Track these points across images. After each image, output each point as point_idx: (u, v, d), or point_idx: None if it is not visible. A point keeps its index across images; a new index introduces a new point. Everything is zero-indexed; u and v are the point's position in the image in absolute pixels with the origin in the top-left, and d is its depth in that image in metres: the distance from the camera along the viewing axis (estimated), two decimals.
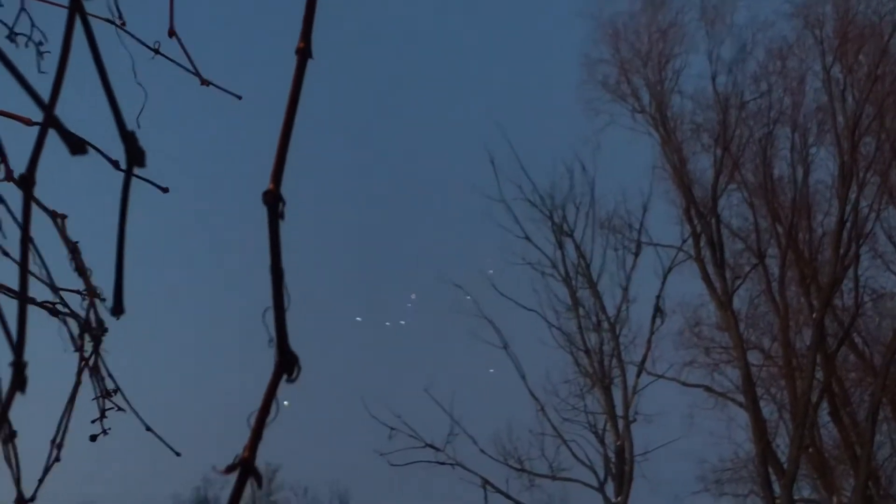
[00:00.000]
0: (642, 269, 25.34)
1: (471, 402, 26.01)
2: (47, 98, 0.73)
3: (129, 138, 0.75)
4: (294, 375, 0.82)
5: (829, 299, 22.74)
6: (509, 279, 25.75)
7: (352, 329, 33.90)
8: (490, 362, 25.86)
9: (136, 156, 0.76)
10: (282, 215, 0.83)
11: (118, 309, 0.75)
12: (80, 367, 2.21)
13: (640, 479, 24.40)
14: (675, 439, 24.35)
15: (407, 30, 37.21)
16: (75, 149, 0.70)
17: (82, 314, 2.20)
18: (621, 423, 24.62)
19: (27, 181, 0.70)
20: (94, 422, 2.19)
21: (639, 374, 24.90)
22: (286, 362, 0.81)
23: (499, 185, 25.63)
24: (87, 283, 2.17)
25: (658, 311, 24.98)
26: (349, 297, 34.41)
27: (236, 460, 0.80)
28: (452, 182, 32.27)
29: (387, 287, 33.91)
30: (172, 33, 1.49)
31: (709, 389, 25.00)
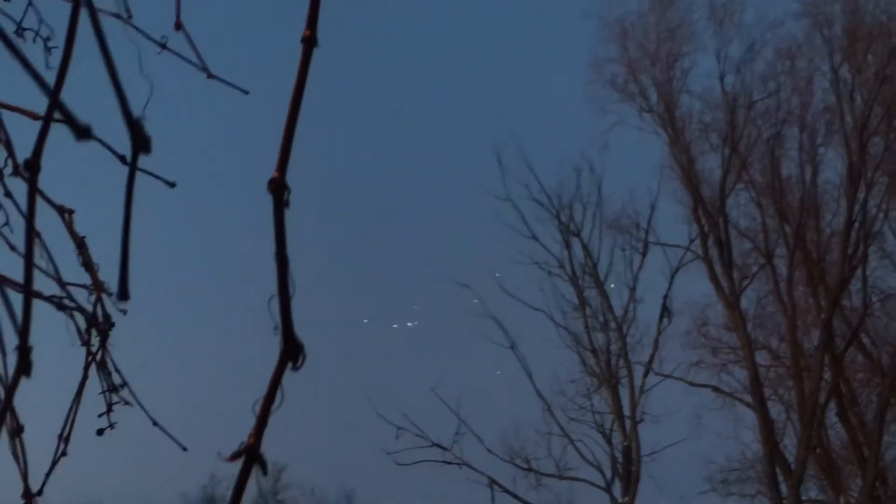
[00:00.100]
0: (650, 269, 25.33)
1: (477, 402, 26.02)
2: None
3: (134, 125, 0.75)
4: (299, 363, 0.82)
5: (837, 300, 22.69)
6: (516, 279, 25.76)
7: (359, 328, 33.91)
8: (497, 362, 25.85)
9: (142, 142, 0.76)
10: (287, 203, 0.83)
11: (123, 295, 0.75)
12: (87, 362, 2.21)
13: (646, 479, 24.38)
14: (682, 439, 24.34)
15: (414, 29, 37.21)
16: (81, 134, 0.70)
17: (89, 309, 2.20)
18: (628, 423, 24.59)
19: (32, 167, 0.70)
20: (101, 416, 2.19)
21: (646, 374, 24.88)
22: (291, 350, 0.81)
23: (506, 184, 25.64)
24: (94, 277, 2.17)
25: (665, 310, 24.96)
26: (356, 297, 34.42)
27: (241, 447, 0.80)
28: (459, 181, 32.27)
29: (394, 287, 33.93)
30: (179, 26, 1.49)
31: (716, 390, 24.96)
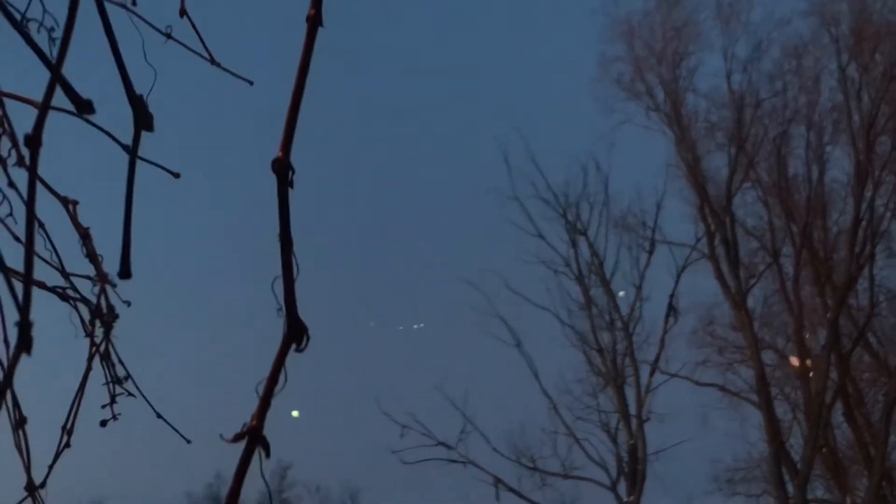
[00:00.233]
0: (656, 268, 25.30)
1: (483, 401, 26.00)
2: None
3: (137, 102, 0.75)
4: (303, 345, 0.81)
5: (843, 299, 22.65)
6: (522, 277, 25.73)
7: (364, 327, 33.93)
8: (502, 361, 25.84)
9: (145, 119, 0.75)
10: (291, 183, 0.82)
11: (125, 273, 0.74)
12: (91, 354, 2.21)
13: (652, 479, 24.35)
14: (687, 439, 24.31)
15: (421, 26, 37.21)
16: (82, 108, 0.70)
17: (93, 300, 2.20)
18: (634, 423, 24.57)
19: (33, 141, 0.69)
20: (105, 407, 2.19)
21: (652, 373, 24.86)
22: (295, 331, 0.81)
23: (512, 182, 25.61)
24: (99, 268, 2.16)
25: (671, 309, 24.93)
26: (361, 296, 34.43)
27: (244, 429, 0.79)
28: (466, 180, 32.26)
29: (399, 285, 33.94)
30: (183, 12, 1.48)
31: (722, 389, 24.93)
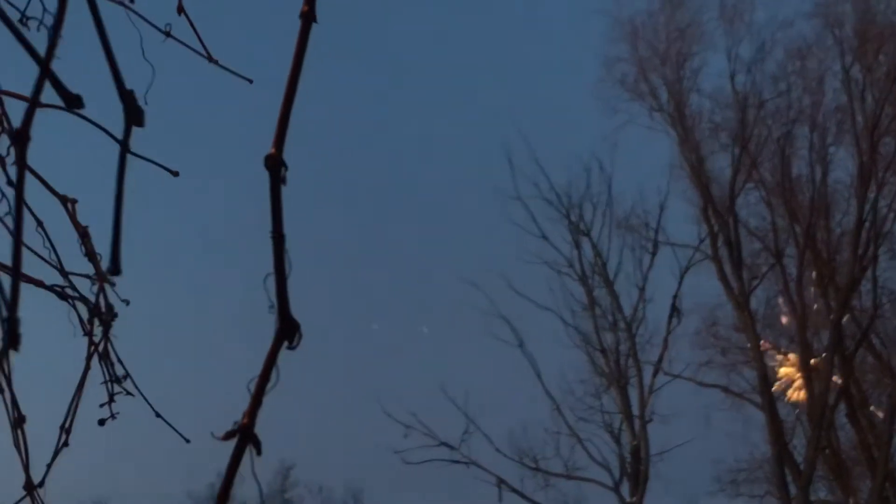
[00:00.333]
0: (659, 269, 25.30)
1: (486, 401, 25.99)
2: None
3: (127, 97, 0.74)
4: (295, 342, 0.81)
5: (847, 300, 22.63)
6: (525, 278, 25.72)
7: (367, 328, 33.93)
8: (505, 361, 25.84)
9: (135, 114, 0.74)
10: (284, 180, 0.82)
11: (115, 269, 0.73)
12: (90, 353, 2.20)
13: (655, 479, 24.35)
14: (690, 440, 24.31)
15: (424, 27, 37.20)
16: (71, 103, 0.69)
17: (92, 299, 2.19)
18: (637, 423, 24.57)
19: (21, 137, 0.69)
20: (103, 406, 2.18)
21: (655, 373, 24.86)
22: (287, 328, 0.80)
23: (515, 183, 25.61)
24: (97, 267, 2.16)
25: (675, 310, 24.92)
26: (365, 296, 34.44)
27: (235, 426, 0.78)
28: (469, 180, 32.26)
29: (403, 286, 33.94)
30: (181, 10, 1.47)
31: (725, 390, 24.93)
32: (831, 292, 23.11)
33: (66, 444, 2.22)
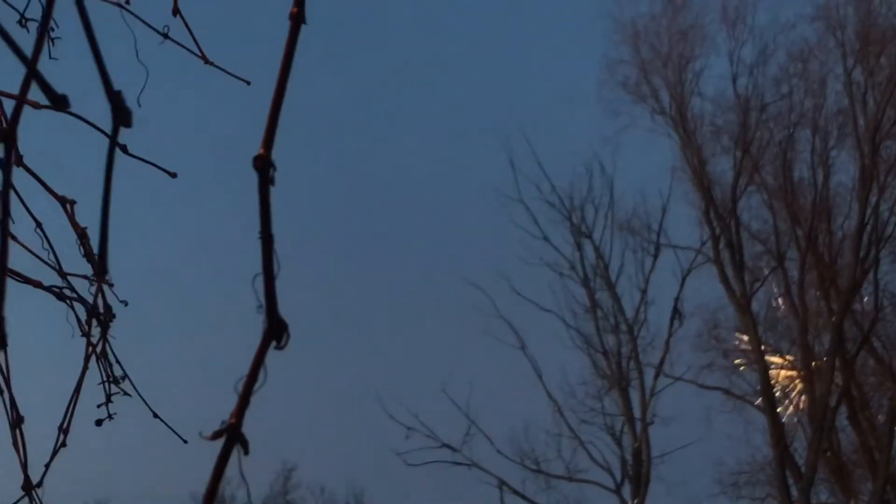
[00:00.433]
0: (661, 271, 25.29)
1: (488, 403, 26.00)
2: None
3: (115, 97, 0.74)
4: (283, 342, 0.81)
5: (848, 303, 22.63)
6: (527, 280, 25.73)
7: (369, 328, 33.93)
8: (507, 363, 25.84)
9: (123, 115, 0.75)
10: (272, 181, 0.82)
11: (102, 269, 0.74)
12: (88, 353, 2.21)
13: (656, 482, 24.34)
14: (692, 442, 24.29)
15: (427, 28, 37.23)
16: (57, 104, 0.70)
17: (90, 300, 2.20)
18: (638, 426, 24.57)
19: (9, 136, 0.69)
20: (101, 406, 2.19)
21: (656, 376, 24.84)
22: (275, 329, 0.81)
23: (517, 185, 25.62)
24: (95, 269, 2.16)
25: (676, 313, 24.91)
26: (366, 297, 34.44)
27: (223, 426, 0.79)
28: (471, 182, 32.26)
29: (404, 287, 33.94)
30: (176, 11, 1.48)
31: (727, 392, 24.92)
32: (833, 295, 23.10)
33: (64, 444, 2.23)
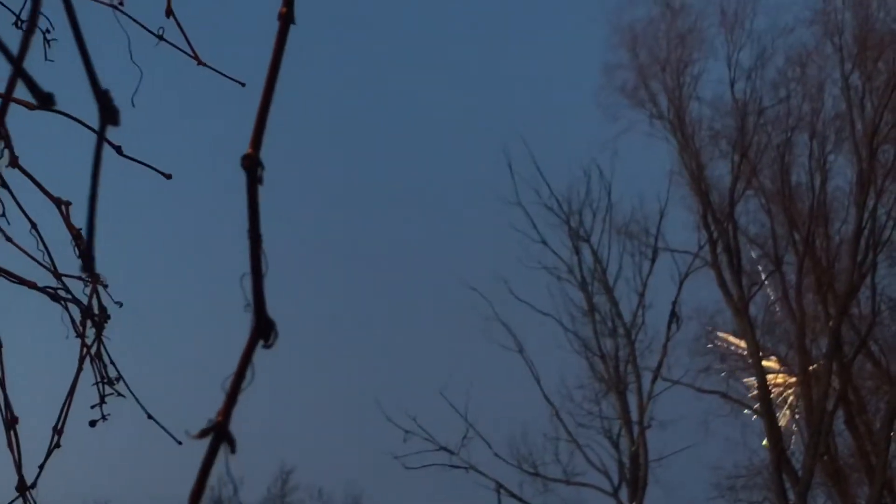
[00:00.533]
0: (659, 275, 25.29)
1: (485, 406, 25.98)
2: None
3: (102, 96, 0.75)
4: (270, 341, 0.81)
5: (845, 307, 22.63)
6: (525, 283, 25.72)
7: (368, 331, 33.94)
8: (505, 366, 25.83)
9: (110, 113, 0.75)
10: (260, 180, 0.82)
11: (88, 267, 0.74)
12: (83, 354, 2.21)
13: (654, 485, 24.33)
14: (689, 446, 24.29)
15: (426, 32, 37.25)
16: (43, 102, 0.70)
17: (85, 301, 2.20)
18: (636, 429, 24.55)
19: None
20: (94, 407, 2.19)
21: (654, 379, 24.83)
22: (262, 327, 0.81)
23: (516, 189, 25.62)
24: (85, 266, 2.15)
25: (674, 316, 24.91)
26: (365, 301, 34.44)
27: (210, 425, 0.79)
28: (470, 186, 32.27)
29: (403, 290, 33.94)
30: (170, 12, 1.48)
31: (724, 396, 24.93)
32: (830, 299, 23.11)
33: (58, 445, 2.23)
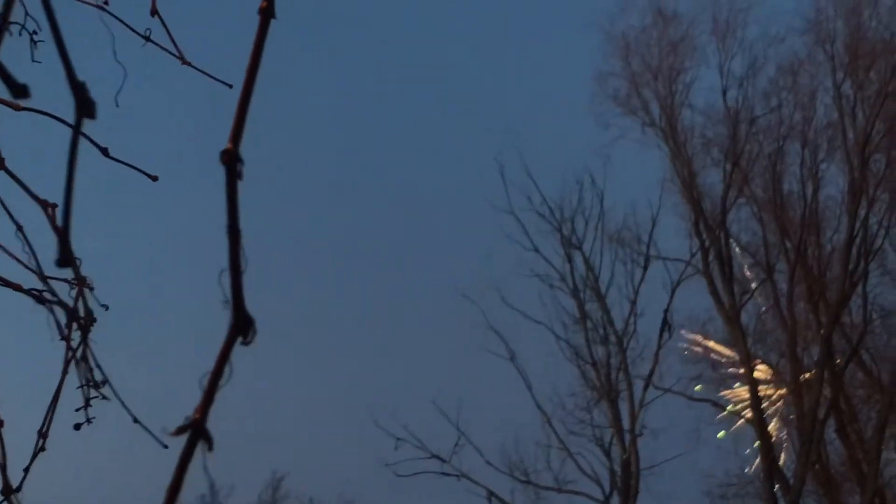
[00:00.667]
0: (650, 283, 25.28)
1: (477, 414, 25.96)
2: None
3: (78, 88, 0.74)
4: (249, 338, 0.80)
5: (837, 316, 22.66)
6: (517, 291, 25.71)
7: (360, 339, 33.90)
8: (497, 374, 25.80)
9: (86, 106, 0.74)
10: (240, 175, 0.82)
11: (64, 261, 0.73)
12: (68, 358, 2.19)
13: (645, 493, 24.31)
14: (680, 454, 24.27)
15: (419, 40, 37.28)
16: (17, 92, 0.69)
17: (71, 303, 2.19)
18: (627, 437, 24.54)
19: None
20: (79, 410, 2.18)
21: (646, 387, 24.81)
22: (241, 324, 0.80)
23: (508, 196, 25.62)
24: (77, 272, 2.15)
25: (666, 324, 24.90)
26: (358, 308, 34.41)
27: (187, 422, 0.78)
28: (462, 193, 32.28)
29: (396, 298, 33.92)
30: (155, 12, 1.47)
31: (715, 404, 24.95)
32: (822, 308, 23.14)
33: (43, 448, 2.21)
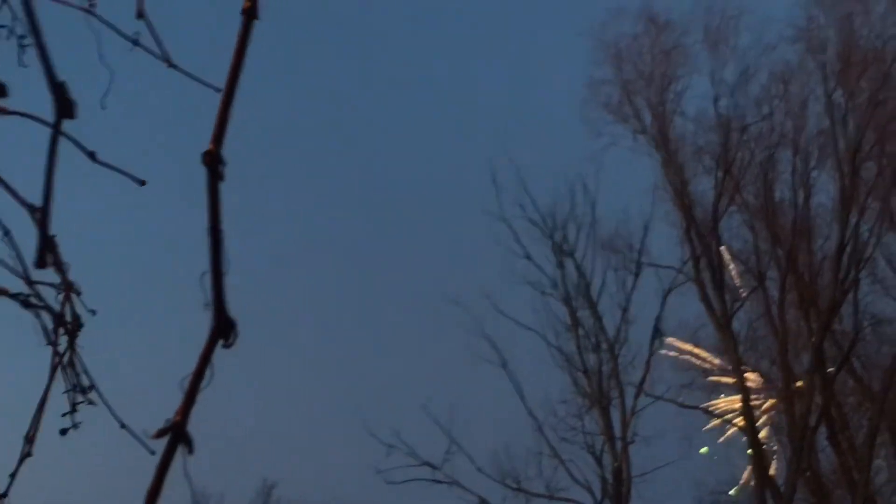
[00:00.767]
0: (642, 290, 25.28)
1: (469, 421, 25.93)
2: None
3: (58, 89, 0.74)
4: (230, 340, 0.80)
5: (828, 323, 22.68)
6: (509, 298, 25.70)
7: (352, 346, 33.87)
8: (488, 381, 25.79)
9: (66, 107, 0.74)
10: (222, 176, 0.81)
11: (42, 262, 0.72)
12: (55, 363, 2.18)
13: (636, 501, 24.31)
14: (672, 461, 24.27)
15: (412, 48, 37.31)
16: None
17: (58, 308, 2.17)
18: (619, 444, 24.52)
19: None
20: (65, 416, 2.16)
21: (637, 395, 24.81)
22: (222, 327, 0.79)
23: (500, 203, 25.61)
24: (64, 277, 2.14)
25: (657, 332, 24.89)
26: (349, 315, 34.39)
27: (168, 424, 0.77)
28: (454, 200, 32.29)
29: (387, 305, 33.91)
30: (141, 15, 1.46)
31: (707, 412, 24.95)
32: (813, 315, 23.16)
33: (29, 453, 2.20)
